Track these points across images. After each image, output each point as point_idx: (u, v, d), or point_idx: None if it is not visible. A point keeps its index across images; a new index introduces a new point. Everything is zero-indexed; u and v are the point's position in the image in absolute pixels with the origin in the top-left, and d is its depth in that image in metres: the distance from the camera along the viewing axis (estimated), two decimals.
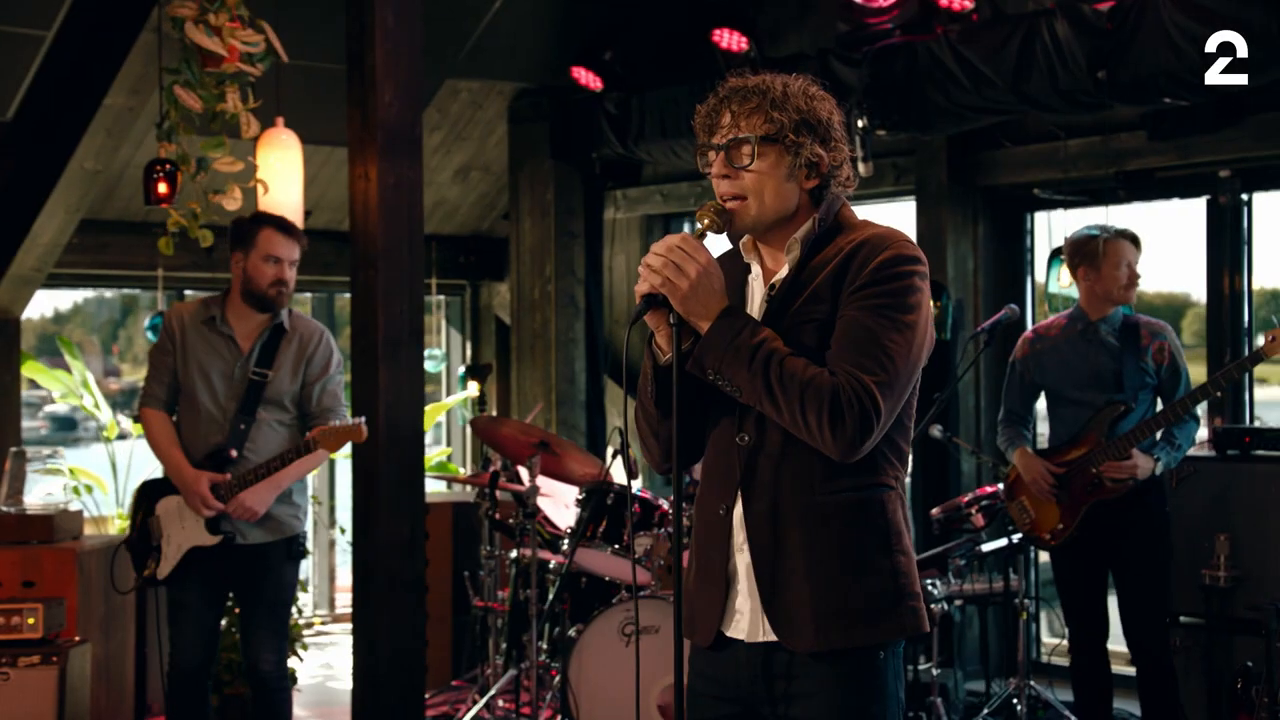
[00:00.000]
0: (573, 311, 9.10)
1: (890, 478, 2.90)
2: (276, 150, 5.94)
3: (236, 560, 5.24)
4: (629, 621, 5.62)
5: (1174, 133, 6.76)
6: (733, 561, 2.92)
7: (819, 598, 2.82)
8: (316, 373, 5.29)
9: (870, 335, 2.78)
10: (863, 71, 7.21)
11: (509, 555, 6.51)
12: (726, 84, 2.95)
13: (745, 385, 2.80)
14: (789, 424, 2.79)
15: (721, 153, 2.90)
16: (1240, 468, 5.67)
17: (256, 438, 5.21)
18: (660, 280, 2.80)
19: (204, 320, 5.28)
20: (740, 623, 2.92)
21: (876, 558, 2.85)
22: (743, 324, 2.82)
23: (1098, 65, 6.27)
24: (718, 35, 7.80)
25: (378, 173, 5.81)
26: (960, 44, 6.79)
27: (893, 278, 2.81)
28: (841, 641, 2.82)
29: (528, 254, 9.24)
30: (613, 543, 5.86)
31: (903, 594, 2.86)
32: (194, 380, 5.23)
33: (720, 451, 2.96)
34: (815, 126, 2.89)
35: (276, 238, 5.23)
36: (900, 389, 2.81)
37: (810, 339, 2.84)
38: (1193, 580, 5.65)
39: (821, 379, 2.76)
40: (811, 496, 2.84)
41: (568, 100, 8.84)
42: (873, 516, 2.86)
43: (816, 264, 2.89)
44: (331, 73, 6.88)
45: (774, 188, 2.87)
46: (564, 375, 9.03)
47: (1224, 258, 6.93)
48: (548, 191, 9.08)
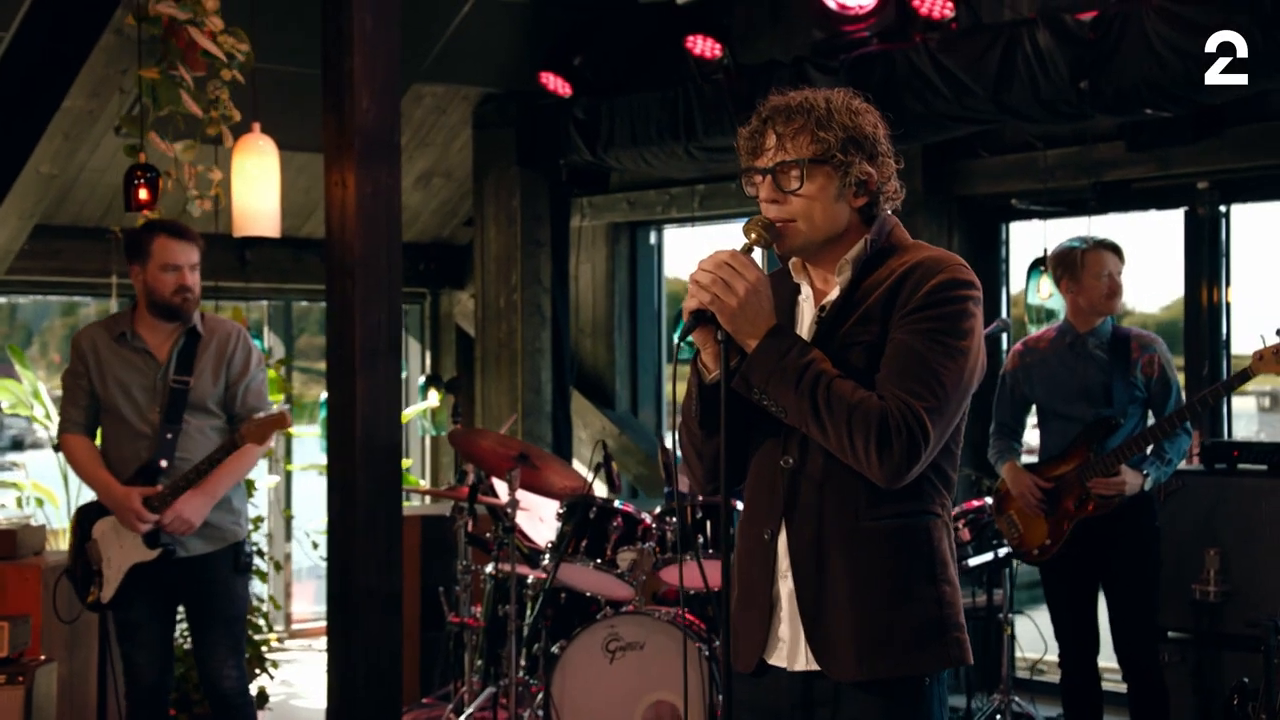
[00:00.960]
0: (539, 321, 9.09)
1: (936, 505, 2.90)
2: (253, 156, 5.91)
3: (181, 574, 5.22)
4: (613, 638, 5.62)
5: (1153, 144, 6.84)
6: (775, 587, 2.91)
7: (861, 626, 2.81)
8: (238, 372, 5.27)
9: (921, 360, 2.77)
10: (840, 80, 7.24)
11: (483, 570, 6.49)
12: (768, 103, 2.92)
13: (791, 406, 2.79)
14: (835, 448, 2.78)
15: (768, 176, 2.87)
16: (1229, 482, 5.73)
17: (186, 446, 5.18)
18: (709, 297, 2.78)
19: (115, 338, 5.25)
20: (782, 650, 2.92)
21: (921, 586, 2.84)
22: (790, 343, 2.81)
23: (1080, 75, 6.33)
24: (691, 41, 7.81)
25: (355, 180, 5.78)
26: (940, 52, 6.84)
27: (946, 301, 2.80)
28: (884, 671, 2.81)
29: (493, 262, 9.22)
30: (595, 557, 5.86)
31: (947, 624, 2.86)
32: (115, 398, 5.21)
33: (763, 474, 2.95)
34: (862, 143, 2.86)
35: (171, 245, 5.18)
36: (950, 415, 2.81)
37: (859, 362, 2.82)
38: (1182, 595, 5.70)
39: (870, 403, 2.74)
40: (856, 522, 2.83)
41: (534, 106, 8.83)
42: (918, 544, 2.86)
43: (868, 285, 2.88)
44: (303, 77, 6.85)
45: (823, 210, 2.86)
46: (530, 386, 9.01)
47: (1202, 269, 7.02)
48: (514, 199, 9.06)
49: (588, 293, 9.66)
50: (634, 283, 9.59)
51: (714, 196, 8.82)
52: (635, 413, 9.57)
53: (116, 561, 5.17)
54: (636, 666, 5.60)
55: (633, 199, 9.21)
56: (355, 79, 5.79)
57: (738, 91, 7.75)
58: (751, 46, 8.04)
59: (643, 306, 9.60)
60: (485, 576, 6.45)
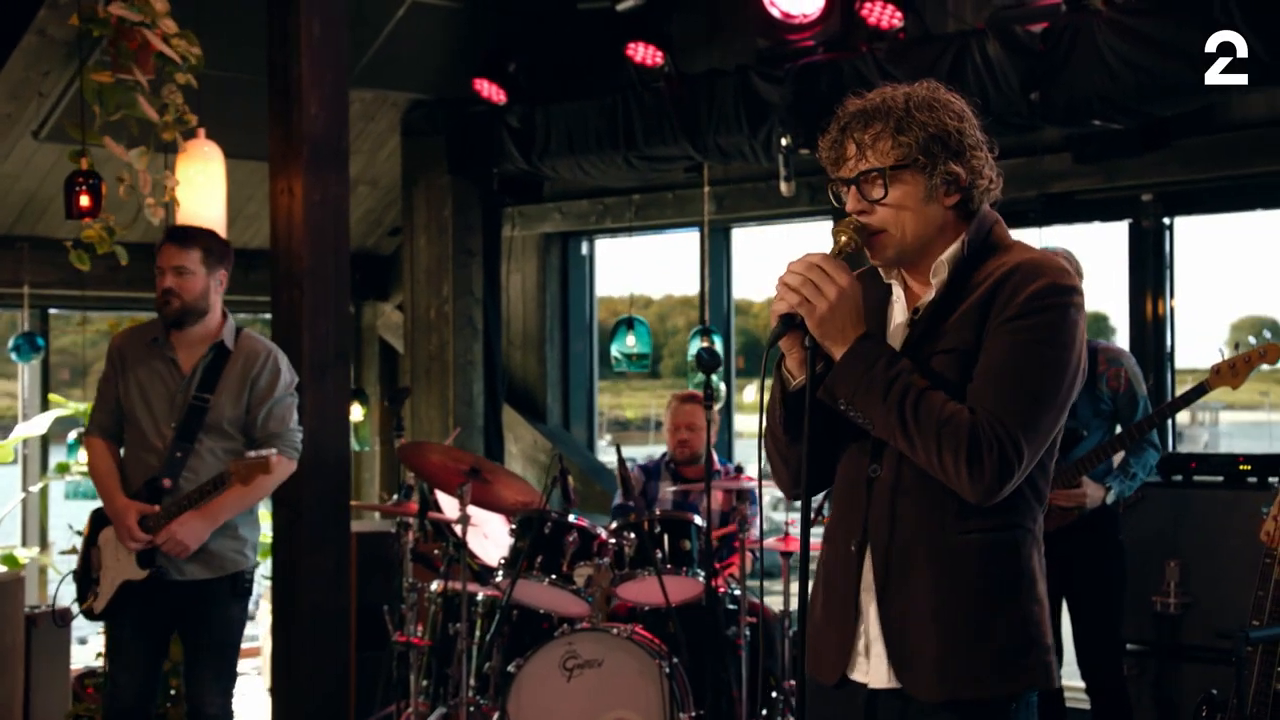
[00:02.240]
0: (471, 333, 9.08)
1: (1028, 520, 2.81)
2: (198, 163, 5.86)
3: (175, 598, 5.10)
4: (570, 655, 5.63)
5: (1100, 156, 6.97)
6: (861, 600, 2.86)
7: (945, 644, 2.75)
8: (262, 394, 5.16)
9: (1017, 372, 2.70)
10: (785, 89, 7.32)
11: (429, 588, 6.46)
12: (845, 109, 2.85)
13: (879, 419, 2.74)
14: (923, 462, 2.72)
15: (853, 187, 2.81)
16: (1188, 494, 5.85)
17: (196, 466, 5.08)
18: (797, 300, 2.72)
19: (148, 343, 5.19)
20: (862, 666, 2.86)
21: (1008, 604, 2.77)
22: (879, 353, 2.75)
23: (1030, 86, 6.45)
24: (631, 49, 7.85)
25: (303, 188, 5.77)
26: (887, 62, 6.93)
27: (1045, 309, 2.71)
28: (967, 692, 2.75)
29: (423, 273, 9.20)
30: (550, 573, 5.87)
31: (1033, 645, 2.78)
32: (135, 405, 5.14)
33: (850, 483, 2.89)
34: (946, 140, 2.77)
35: (163, 247, 5.15)
36: (1045, 430, 2.74)
37: (951, 369, 2.76)
38: (1142, 607, 5.82)
39: (960, 417, 2.68)
40: (942, 535, 2.77)
41: (466, 113, 8.83)
42: (1006, 560, 2.78)
43: (965, 289, 2.79)
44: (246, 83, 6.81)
45: (914, 215, 2.79)
46: (462, 399, 9.00)
47: (1146, 281, 7.16)
48: (445, 208, 9.05)
49: (518, 304, 9.67)
50: (565, 294, 9.60)
51: (650, 206, 8.86)
52: (567, 426, 9.59)
53: (111, 573, 5.10)
54: (595, 684, 5.61)
55: (565, 209, 9.23)
56: (304, 84, 5.78)
57: (679, 99, 7.80)
58: (693, 54, 8.10)
59: (574, 318, 9.61)
60: (430, 594, 6.42)
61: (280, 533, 5.86)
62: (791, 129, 7.25)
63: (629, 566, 5.83)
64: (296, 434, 5.23)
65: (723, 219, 8.59)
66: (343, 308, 5.88)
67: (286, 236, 5.81)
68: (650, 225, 9.04)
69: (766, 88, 7.41)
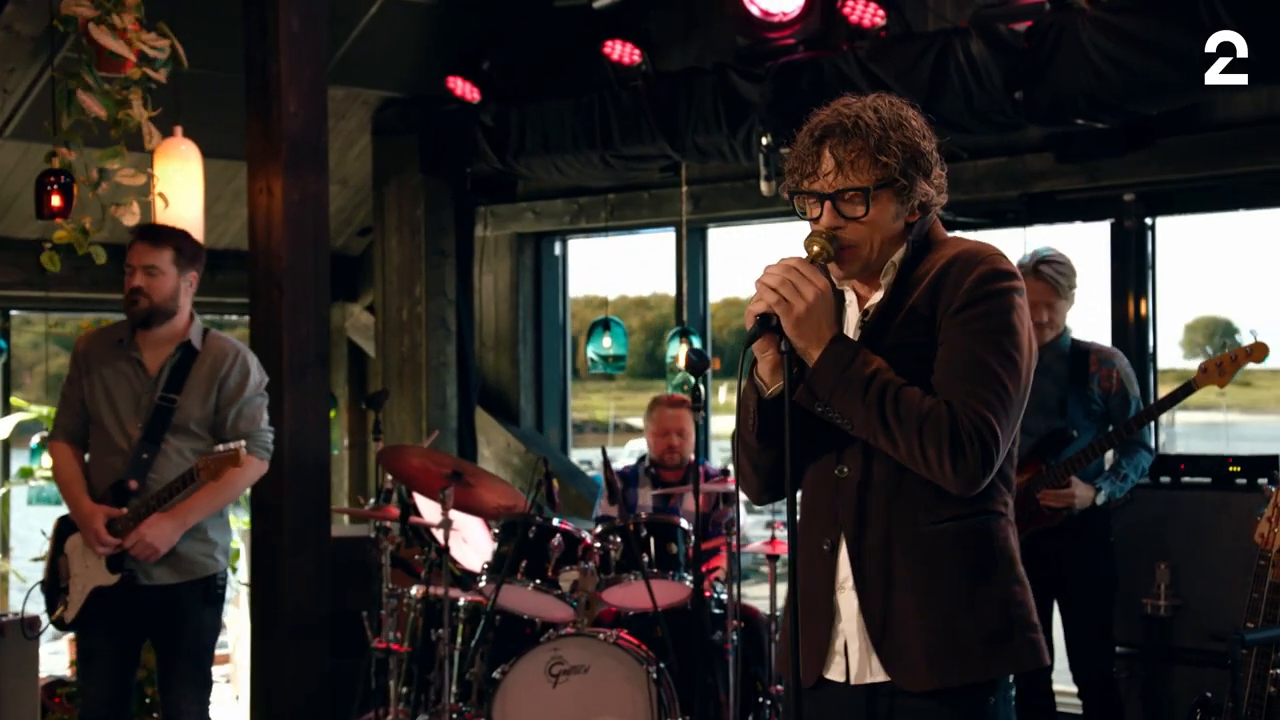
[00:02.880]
0: (444, 334, 9.05)
1: (998, 504, 2.91)
2: (175, 161, 5.81)
3: (146, 603, 5.07)
4: (556, 661, 5.62)
5: (1082, 155, 6.99)
6: (835, 599, 2.93)
7: (931, 633, 2.82)
8: (231, 395, 5.14)
9: (979, 362, 2.80)
10: (765, 88, 7.32)
11: (408, 593, 6.43)
12: (817, 120, 2.91)
13: (859, 418, 2.81)
14: (905, 458, 2.80)
15: (828, 202, 2.86)
16: (1178, 495, 5.87)
17: (162, 467, 5.05)
18: (776, 299, 2.79)
19: (113, 345, 5.15)
20: (839, 664, 2.93)
21: (989, 587, 2.85)
22: (854, 353, 2.83)
23: (1014, 85, 6.47)
24: (609, 47, 7.84)
25: (282, 187, 5.75)
26: (870, 61, 6.94)
27: (990, 295, 2.83)
28: (956, 678, 2.82)
29: (394, 273, 9.16)
30: (534, 578, 5.85)
31: (1017, 625, 2.86)
32: (100, 407, 5.10)
33: (818, 485, 2.97)
34: (920, 160, 2.88)
35: (133, 245, 5.12)
36: (1014, 416, 2.84)
37: (910, 366, 2.84)
38: (1132, 609, 5.84)
39: (939, 411, 2.77)
40: (917, 527, 2.85)
41: (439, 112, 8.79)
42: (981, 545, 2.87)
43: (908, 286, 2.90)
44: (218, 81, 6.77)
45: (884, 233, 2.89)
46: (436, 402, 8.96)
47: (1128, 281, 7.19)
48: (418, 207, 9.02)
49: (490, 305, 9.63)
50: (539, 295, 9.57)
51: (625, 206, 8.84)
52: (540, 429, 9.56)
53: (81, 581, 5.05)
54: (581, 690, 5.60)
55: (539, 209, 9.21)
56: (282, 81, 5.75)
57: (657, 98, 7.79)
58: (670, 53, 8.09)
59: (547, 319, 9.59)
60: (410, 600, 6.39)
61: (259, 538, 5.82)
62: (772, 128, 7.24)
63: (615, 571, 5.82)
64: (268, 434, 5.20)
65: (699, 219, 8.59)
66: (323, 308, 5.86)
67: (265, 236, 5.77)
68: (626, 225, 9.03)
69: (746, 86, 7.40)
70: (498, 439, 9.44)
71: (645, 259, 12.14)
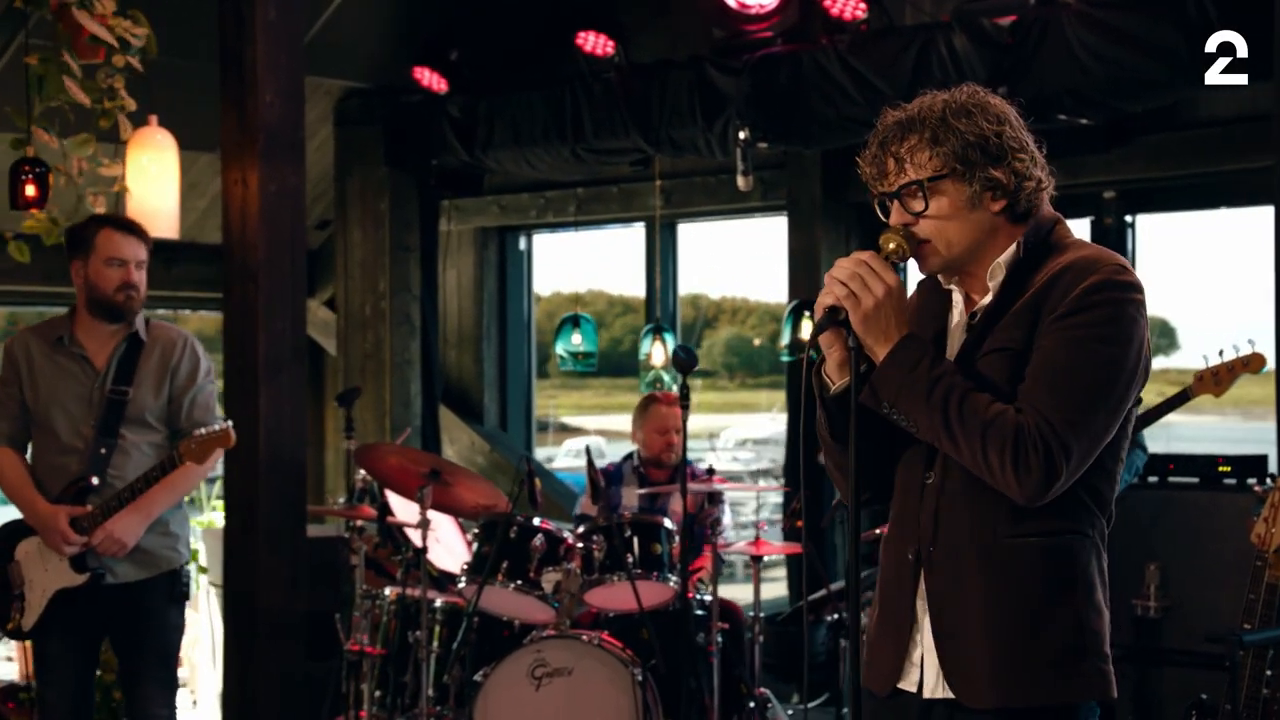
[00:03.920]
0: (408, 330, 9.00)
1: (1085, 525, 2.81)
2: (150, 151, 5.74)
3: (108, 603, 4.98)
4: (539, 663, 5.60)
5: (1063, 152, 6.99)
6: (915, 609, 2.87)
7: (996, 650, 2.75)
8: (183, 383, 5.07)
9: (1066, 370, 2.70)
10: (742, 81, 7.32)
11: (381, 594, 6.39)
12: (883, 122, 2.87)
13: (922, 421, 2.76)
14: (970, 464, 2.73)
15: (895, 200, 2.83)
16: (1167, 495, 5.90)
17: (121, 463, 4.97)
18: (845, 292, 2.75)
19: (52, 343, 5.05)
20: (913, 675, 2.87)
21: (1061, 609, 2.76)
22: (922, 353, 2.77)
23: (998, 80, 6.47)
24: (581, 38, 7.81)
25: (258, 179, 5.69)
26: (850, 55, 6.95)
27: (1098, 304, 2.70)
28: (1019, 700, 2.75)
29: (357, 268, 9.11)
30: (515, 579, 5.82)
31: (1087, 651, 2.78)
32: (47, 409, 5.00)
33: (907, 491, 2.91)
34: (985, 145, 2.77)
35: (116, 238, 5.00)
36: (1096, 430, 2.72)
37: (1002, 370, 2.77)
38: (1122, 611, 5.87)
39: (1005, 418, 2.69)
40: (994, 540, 2.77)
41: (404, 103, 8.75)
42: (1060, 565, 2.78)
43: (1021, 291, 2.80)
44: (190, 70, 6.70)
45: (958, 225, 2.81)
46: (400, 399, 8.92)
47: None
48: (382, 201, 8.97)
49: (453, 301, 9.60)
50: (503, 291, 9.55)
51: (594, 200, 8.83)
52: (504, 427, 9.54)
53: (40, 585, 4.95)
54: (564, 693, 5.59)
55: (504, 202, 9.18)
56: (259, 71, 5.70)
57: (630, 90, 7.78)
58: (644, 45, 8.08)
59: (512, 316, 9.57)
60: (384, 602, 6.35)
61: (233, 538, 5.78)
62: (750, 122, 7.25)
63: (599, 571, 5.80)
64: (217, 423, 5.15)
65: (670, 214, 8.59)
66: (299, 303, 5.81)
67: (240, 229, 5.72)
68: (594, 220, 9.02)
69: (723, 79, 7.39)
70: (461, 438, 9.41)
71: (607, 255, 12.15)
